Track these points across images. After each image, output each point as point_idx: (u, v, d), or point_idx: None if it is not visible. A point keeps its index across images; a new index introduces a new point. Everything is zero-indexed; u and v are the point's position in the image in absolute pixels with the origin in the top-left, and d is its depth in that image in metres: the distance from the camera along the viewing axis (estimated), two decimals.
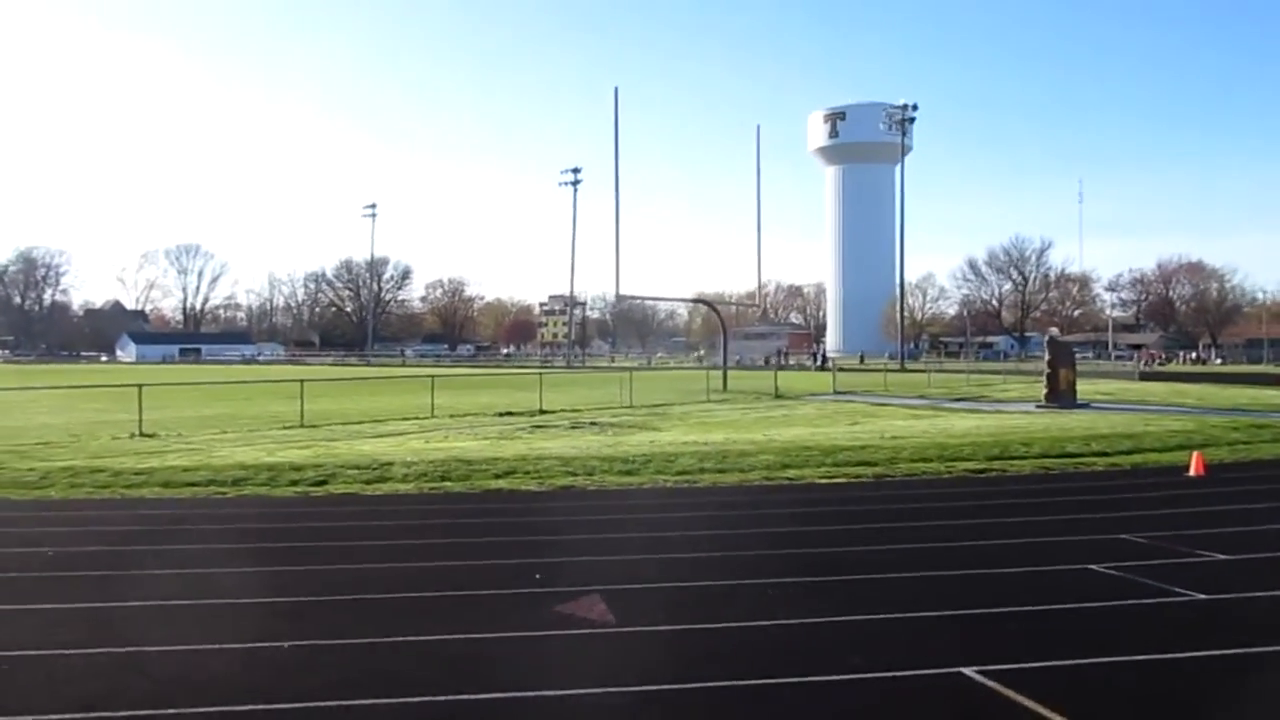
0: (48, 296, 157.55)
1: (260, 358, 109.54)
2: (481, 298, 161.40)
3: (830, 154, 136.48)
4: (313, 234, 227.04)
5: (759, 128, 41.89)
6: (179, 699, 5.02)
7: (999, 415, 24.14)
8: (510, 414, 24.67)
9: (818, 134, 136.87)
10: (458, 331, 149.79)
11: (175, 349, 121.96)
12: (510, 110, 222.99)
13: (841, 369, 59.66)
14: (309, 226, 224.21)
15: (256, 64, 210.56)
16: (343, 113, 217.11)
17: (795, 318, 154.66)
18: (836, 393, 33.57)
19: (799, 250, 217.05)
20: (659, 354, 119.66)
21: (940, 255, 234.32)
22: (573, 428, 21.32)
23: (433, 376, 27.44)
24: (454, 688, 5.23)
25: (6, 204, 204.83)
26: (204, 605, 6.99)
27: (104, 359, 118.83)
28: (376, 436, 19.58)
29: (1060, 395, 26.83)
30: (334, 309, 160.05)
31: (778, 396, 31.86)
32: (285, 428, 21.17)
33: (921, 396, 31.99)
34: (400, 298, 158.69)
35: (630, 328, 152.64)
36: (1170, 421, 21.49)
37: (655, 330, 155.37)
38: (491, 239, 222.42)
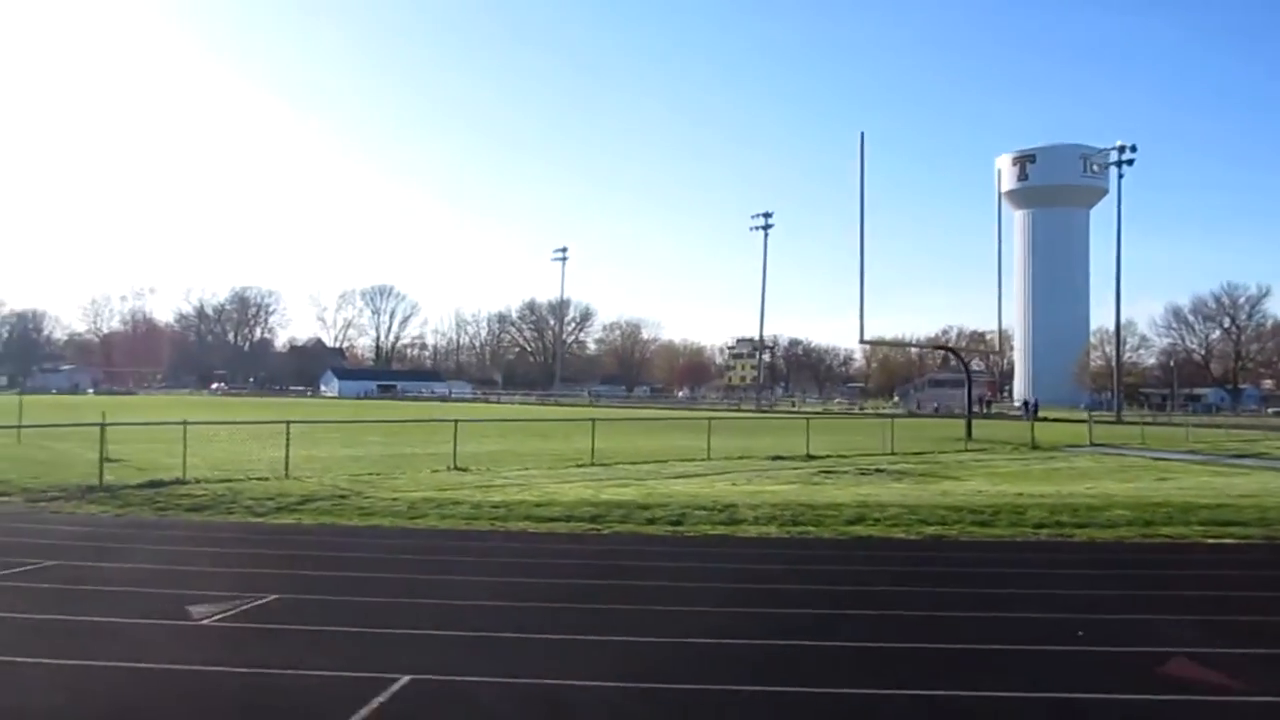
0: (256, 334, 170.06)
1: (452, 395, 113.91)
2: (656, 339, 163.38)
3: (1019, 198, 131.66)
4: (498, 273, 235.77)
5: (999, 171, 40.50)
6: None
7: None
8: (781, 458, 24.61)
9: (1007, 177, 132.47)
10: (635, 373, 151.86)
11: (373, 385, 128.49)
12: (694, 154, 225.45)
13: (1047, 418, 57.29)
14: (495, 265, 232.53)
15: (452, 111, 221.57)
16: (528, 156, 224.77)
17: (976, 364, 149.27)
18: (1094, 444, 31.99)
19: (979, 294, 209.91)
20: (836, 399, 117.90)
21: (1131, 301, 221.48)
22: (861, 473, 21.06)
23: (709, 419, 27.85)
24: None
25: (226, 247, 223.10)
26: (838, 646, 7.14)
27: (308, 393, 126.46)
28: (676, 477, 19.87)
29: None
30: (517, 349, 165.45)
31: (1035, 447, 30.59)
32: (579, 465, 21.79)
33: (1191, 451, 30.01)
34: (580, 338, 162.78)
35: (805, 372, 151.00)
36: None
37: (827, 375, 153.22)
38: (670, 280, 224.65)
